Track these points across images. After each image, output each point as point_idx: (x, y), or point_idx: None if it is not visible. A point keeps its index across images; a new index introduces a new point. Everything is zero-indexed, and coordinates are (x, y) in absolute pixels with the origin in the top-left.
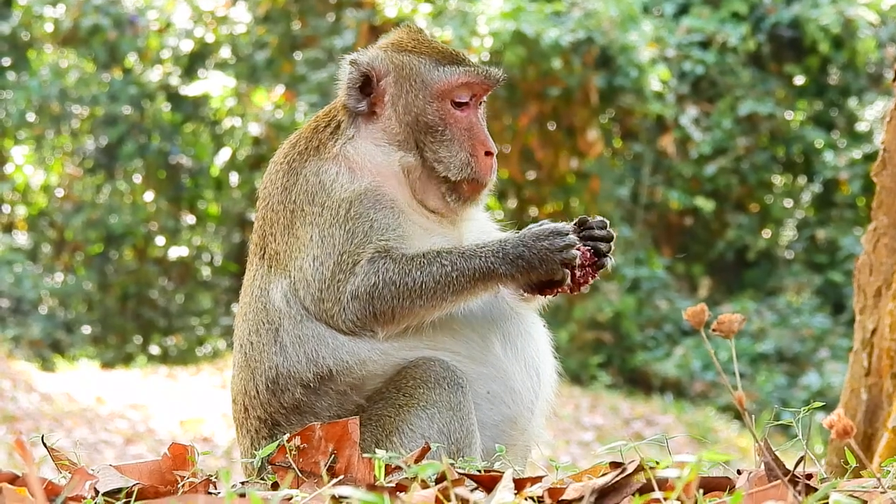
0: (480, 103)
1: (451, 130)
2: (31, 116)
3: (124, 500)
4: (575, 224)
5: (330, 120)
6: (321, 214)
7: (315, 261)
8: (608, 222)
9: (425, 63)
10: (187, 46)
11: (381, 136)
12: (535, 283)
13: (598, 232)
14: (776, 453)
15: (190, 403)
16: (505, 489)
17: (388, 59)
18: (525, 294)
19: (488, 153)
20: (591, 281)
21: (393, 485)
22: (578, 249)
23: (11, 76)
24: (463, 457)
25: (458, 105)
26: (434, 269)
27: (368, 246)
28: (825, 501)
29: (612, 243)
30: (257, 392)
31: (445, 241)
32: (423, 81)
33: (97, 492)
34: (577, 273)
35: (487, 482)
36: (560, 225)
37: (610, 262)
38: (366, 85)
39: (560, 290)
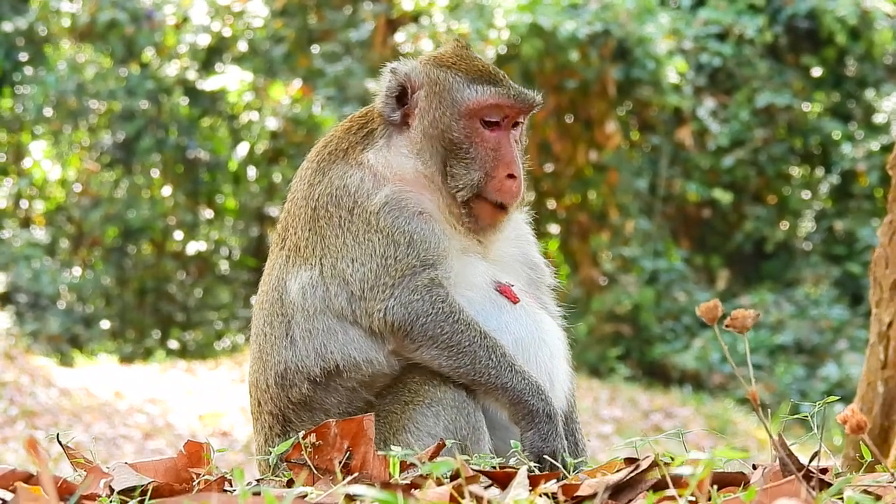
0: (517, 125)
1: (476, 149)
2: (48, 111)
3: (139, 499)
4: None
5: (364, 124)
6: (351, 221)
7: (355, 262)
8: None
9: (458, 80)
10: (204, 41)
11: (409, 148)
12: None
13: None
14: (791, 448)
15: (209, 398)
16: (519, 486)
17: (424, 72)
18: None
19: (510, 176)
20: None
21: (407, 482)
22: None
23: (29, 71)
24: (471, 453)
25: (488, 125)
26: (480, 353)
27: (416, 261)
28: (839, 497)
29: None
30: (267, 386)
31: (470, 260)
32: (453, 99)
33: (112, 490)
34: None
35: (502, 479)
36: (563, 462)
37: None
38: (402, 95)
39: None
